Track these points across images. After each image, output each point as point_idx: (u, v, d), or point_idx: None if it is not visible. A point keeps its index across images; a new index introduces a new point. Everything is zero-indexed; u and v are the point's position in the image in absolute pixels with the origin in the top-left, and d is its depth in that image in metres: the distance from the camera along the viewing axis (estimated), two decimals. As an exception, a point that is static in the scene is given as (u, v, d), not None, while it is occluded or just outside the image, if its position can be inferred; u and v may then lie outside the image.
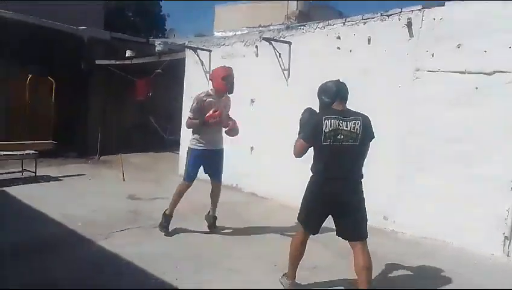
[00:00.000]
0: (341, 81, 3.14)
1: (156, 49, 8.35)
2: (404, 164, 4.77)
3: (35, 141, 6.88)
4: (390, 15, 4.95)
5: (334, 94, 3.01)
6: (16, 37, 8.11)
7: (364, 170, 2.99)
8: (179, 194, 4.37)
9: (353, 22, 5.33)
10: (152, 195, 5.91)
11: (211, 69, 7.13)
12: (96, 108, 9.49)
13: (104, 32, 10.16)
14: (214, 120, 4.07)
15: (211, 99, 4.17)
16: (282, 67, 6.04)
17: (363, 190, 2.96)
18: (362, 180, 2.97)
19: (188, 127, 4.31)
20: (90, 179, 6.77)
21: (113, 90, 9.54)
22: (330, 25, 5.55)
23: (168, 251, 3.84)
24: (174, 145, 9.74)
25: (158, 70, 8.47)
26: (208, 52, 7.20)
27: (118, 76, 9.15)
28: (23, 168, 6.63)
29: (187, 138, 7.46)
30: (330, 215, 2.95)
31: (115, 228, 4.36)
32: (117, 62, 9.03)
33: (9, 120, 7.82)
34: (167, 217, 4.36)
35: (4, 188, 5.70)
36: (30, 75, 7.71)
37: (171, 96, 9.68)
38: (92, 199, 5.55)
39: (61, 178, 6.57)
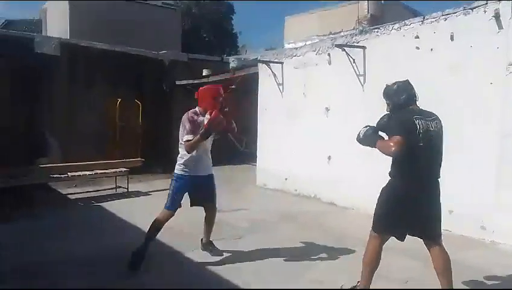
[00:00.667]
0: (408, 80, 3.07)
1: (230, 66, 8.66)
2: (501, 169, 4.33)
3: (126, 160, 7.49)
4: (475, 8, 4.59)
5: (412, 94, 2.96)
6: (106, 65, 8.99)
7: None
8: (159, 224, 3.82)
9: (432, 19, 5.03)
10: (233, 206, 6.06)
11: (283, 80, 7.23)
12: (177, 126, 10.05)
13: (182, 54, 10.81)
14: (218, 123, 3.51)
15: (201, 118, 3.69)
16: (357, 73, 5.88)
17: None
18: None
19: (191, 149, 3.62)
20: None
21: (192, 107, 10.02)
22: (407, 24, 5.30)
23: (251, 262, 3.88)
24: (251, 158, 9.95)
25: (232, 86, 8.75)
26: (280, 64, 7.28)
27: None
28: (117, 185, 7.25)
29: (263, 149, 7.69)
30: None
31: (200, 239, 4.52)
32: (195, 81, 9.53)
33: (103, 141, 8.62)
34: (141, 251, 3.68)
35: (101, 204, 6.25)
36: (119, 99, 8.46)
37: (246, 109, 9.94)
38: (178, 211, 5.83)
39: (150, 193, 7.04)
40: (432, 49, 5.00)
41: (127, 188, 7.02)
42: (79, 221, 5.27)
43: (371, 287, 2.94)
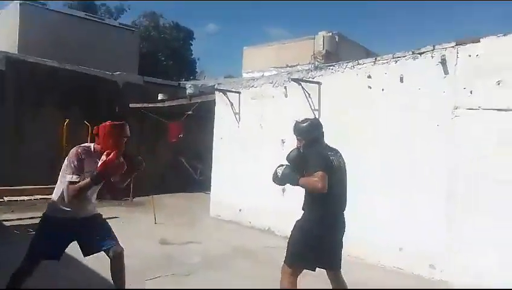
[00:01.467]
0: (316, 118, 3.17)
1: (187, 92, 8.56)
2: (449, 207, 4.50)
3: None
4: (423, 53, 4.87)
5: (322, 131, 3.14)
6: (55, 84, 8.57)
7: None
8: None
9: (384, 61, 5.28)
10: (184, 239, 5.84)
11: (240, 110, 7.23)
12: (130, 150, 9.71)
13: (137, 77, 10.59)
14: (115, 167, 2.89)
15: (96, 158, 2.95)
16: (313, 108, 6.00)
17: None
18: None
19: (76, 194, 2.85)
20: (123, 223, 6.80)
21: (146, 132, 9.79)
22: (360, 64, 5.52)
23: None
24: (205, 186, 9.76)
25: (189, 112, 8.63)
26: (237, 94, 7.29)
27: (150, 119, 9.39)
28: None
29: (217, 179, 7.56)
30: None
31: (148, 275, 4.27)
32: (150, 105, 9.30)
33: (47, 164, 8.08)
34: None
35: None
36: (67, 120, 8.03)
37: (201, 137, 9.82)
38: (125, 243, 5.47)
39: (96, 221, 6.63)
40: (383, 89, 5.22)
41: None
42: (15, 252, 4.79)
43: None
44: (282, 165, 3.14)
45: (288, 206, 6.15)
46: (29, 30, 10.72)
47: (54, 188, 3.03)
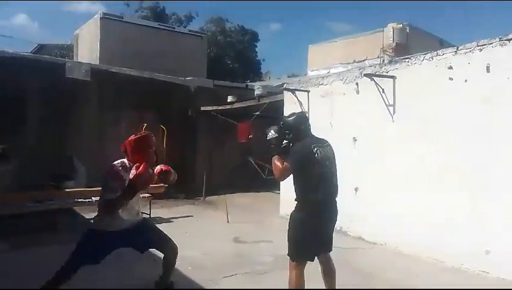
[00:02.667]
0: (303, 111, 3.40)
1: (255, 93, 8.65)
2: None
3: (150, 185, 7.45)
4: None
5: (309, 124, 3.31)
6: (133, 90, 9.16)
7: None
8: None
9: (466, 50, 4.87)
10: (256, 238, 5.90)
11: (309, 109, 7.15)
12: (201, 151, 10.10)
13: (208, 81, 10.95)
14: (145, 180, 2.97)
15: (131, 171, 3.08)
16: (387, 103, 5.73)
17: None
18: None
19: (113, 210, 3.05)
20: (198, 221, 7.06)
21: (216, 133, 10.12)
22: (439, 54, 5.15)
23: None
24: (273, 185, 9.80)
25: (257, 113, 8.73)
26: (306, 93, 7.21)
27: (220, 120, 9.68)
28: (142, 211, 7.19)
29: (287, 179, 7.52)
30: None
31: (223, 273, 4.38)
32: (220, 107, 9.58)
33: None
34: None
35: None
36: (145, 124, 8.53)
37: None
38: (200, 241, 5.73)
39: (171, 219, 6.96)
40: (466, 80, 4.83)
41: (149, 214, 6.96)
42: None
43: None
44: (274, 133, 3.32)
45: (361, 206, 5.97)
46: (109, 42, 11.55)
47: None
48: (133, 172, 3.01)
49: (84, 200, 6.38)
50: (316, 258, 3.24)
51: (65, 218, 6.28)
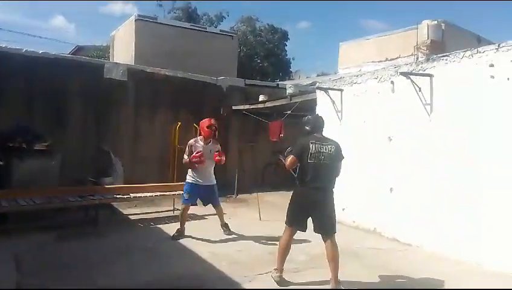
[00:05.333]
0: (319, 115, 4.73)
1: (287, 92, 8.66)
2: None
3: (184, 182, 7.61)
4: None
5: (318, 125, 4.11)
6: (168, 90, 9.39)
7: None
8: (182, 214, 5.80)
9: (509, 47, 4.72)
10: (289, 236, 5.92)
11: (342, 108, 7.10)
12: (233, 150, 10.20)
13: (239, 80, 11.06)
14: (195, 160, 5.43)
15: (199, 144, 5.63)
16: (424, 102, 5.62)
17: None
18: (334, 189, 4.06)
19: (184, 164, 5.73)
20: (230, 218, 7.15)
21: (248, 132, 10.23)
22: (480, 52, 5.01)
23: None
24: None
25: (288, 112, 8.74)
26: (339, 92, 7.16)
27: (252, 119, 9.76)
28: (174, 207, 7.39)
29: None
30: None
31: (258, 270, 4.44)
32: (251, 106, 9.65)
33: (162, 163, 8.90)
34: (180, 232, 5.70)
35: (159, 225, 6.39)
36: (179, 123, 8.72)
37: (301, 136, 9.86)
38: (233, 238, 5.83)
39: (205, 216, 7.09)
40: (508, 78, 4.68)
41: (184, 211, 7.12)
42: (140, 243, 5.37)
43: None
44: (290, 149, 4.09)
45: (396, 206, 5.89)
46: (143, 42, 11.86)
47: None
48: (197, 145, 5.63)
49: (122, 196, 6.61)
50: (316, 235, 4.10)
51: (105, 213, 6.54)
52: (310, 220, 4.07)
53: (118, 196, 6.55)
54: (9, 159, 6.05)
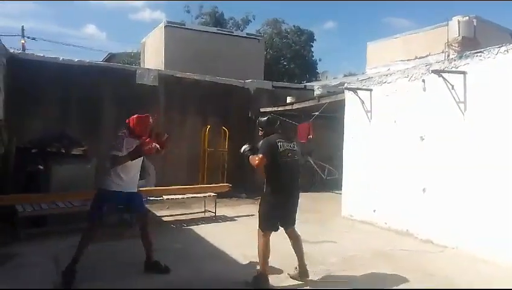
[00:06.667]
0: (271, 115, 4.71)
1: (315, 93, 8.65)
2: None
3: (214, 184, 7.75)
4: None
5: (278, 125, 4.17)
6: (197, 93, 9.57)
7: None
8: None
9: (547, 41, 4.54)
10: (319, 238, 5.89)
11: (371, 108, 7.01)
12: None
13: (267, 82, 11.13)
14: (147, 147, 3.95)
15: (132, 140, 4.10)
16: (457, 100, 5.48)
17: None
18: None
19: (115, 165, 4.02)
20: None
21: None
22: (515, 48, 4.85)
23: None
24: (333, 185, 9.71)
25: (316, 113, 8.72)
26: (369, 92, 7.08)
27: (280, 121, 9.78)
28: (205, 209, 7.51)
29: (349, 178, 7.44)
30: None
31: (290, 271, 4.43)
32: (279, 108, 9.68)
33: (193, 165, 9.07)
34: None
35: (191, 227, 6.50)
36: (208, 126, 8.89)
37: (329, 137, 9.81)
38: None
39: (235, 218, 7.16)
40: (547, 74, 4.51)
41: (215, 212, 7.24)
42: (174, 244, 5.48)
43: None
44: (247, 145, 4.15)
45: (429, 207, 5.76)
46: (173, 48, 12.14)
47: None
48: (137, 141, 4.01)
49: (156, 198, 6.77)
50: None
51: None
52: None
53: (151, 198, 6.71)
54: (49, 164, 6.31)
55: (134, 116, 4.27)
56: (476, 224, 5.11)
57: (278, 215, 3.96)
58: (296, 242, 4.14)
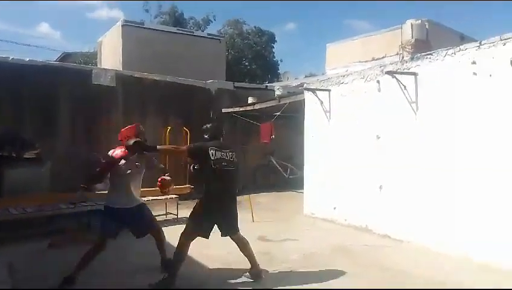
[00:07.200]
0: (217, 122, 4.62)
1: (276, 93, 8.76)
2: None
3: (176, 186, 7.62)
4: (538, 32, 4.40)
5: (217, 132, 4.20)
6: (157, 94, 9.41)
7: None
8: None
9: (490, 44, 4.86)
10: (281, 237, 5.99)
11: (330, 108, 7.20)
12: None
13: (228, 83, 11.13)
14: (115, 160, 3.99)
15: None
16: (409, 100, 5.74)
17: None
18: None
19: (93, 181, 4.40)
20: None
21: (238, 134, 10.28)
22: (462, 50, 5.14)
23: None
24: (295, 184, 9.87)
25: (277, 113, 8.83)
26: (327, 92, 7.26)
27: (242, 122, 9.83)
28: (167, 211, 7.39)
29: (310, 177, 7.61)
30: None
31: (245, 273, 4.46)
32: (241, 109, 9.72)
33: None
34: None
35: (152, 230, 6.38)
36: (169, 127, 8.74)
37: (290, 137, 9.96)
38: (226, 239, 5.79)
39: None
40: (490, 75, 4.81)
41: (177, 215, 7.14)
42: (135, 247, 5.35)
43: None
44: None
45: (386, 204, 6.00)
46: (131, 47, 11.86)
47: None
48: (117, 152, 4.02)
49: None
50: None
51: (97, 219, 6.49)
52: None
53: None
54: (0, 168, 6.01)
55: (124, 129, 4.36)
56: (427, 219, 5.38)
57: (208, 219, 3.94)
58: (243, 247, 4.20)
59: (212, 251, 5.23)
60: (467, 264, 4.64)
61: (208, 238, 3.97)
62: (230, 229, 4.11)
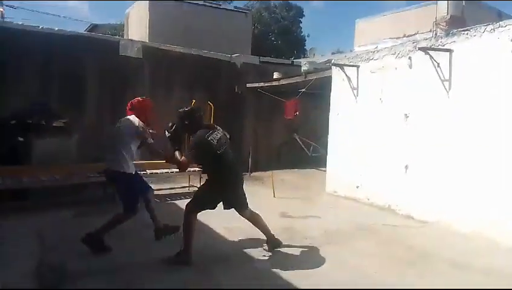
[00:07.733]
0: (192, 106, 4.29)
1: (302, 69, 8.56)
2: None
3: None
4: None
5: (193, 117, 3.92)
6: (182, 67, 9.38)
7: None
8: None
9: (532, 21, 4.56)
10: (303, 213, 5.98)
11: (358, 85, 7.00)
12: (248, 127, 10.24)
13: (254, 57, 10.97)
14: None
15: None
16: (442, 78, 5.50)
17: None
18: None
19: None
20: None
21: (263, 110, 10.22)
22: (502, 26, 4.85)
23: (328, 271, 3.79)
24: (318, 162, 9.78)
25: (303, 90, 8.67)
26: (356, 68, 7.05)
27: (267, 97, 9.72)
28: (190, 184, 7.49)
29: (334, 155, 7.50)
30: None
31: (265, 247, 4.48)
32: (266, 84, 9.60)
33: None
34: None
35: (175, 201, 6.50)
36: (194, 101, 8.74)
37: (315, 114, 9.82)
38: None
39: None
40: (531, 53, 4.53)
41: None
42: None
43: None
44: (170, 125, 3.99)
45: (411, 184, 5.87)
46: (157, 20, 11.82)
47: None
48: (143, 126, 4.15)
49: (141, 172, 6.69)
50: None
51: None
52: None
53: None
54: (28, 136, 6.17)
55: (137, 99, 4.41)
56: (455, 200, 5.23)
57: (215, 200, 3.96)
58: (255, 221, 4.24)
59: (233, 223, 5.29)
60: (495, 247, 4.50)
61: (214, 209, 4.03)
62: (241, 207, 4.14)
